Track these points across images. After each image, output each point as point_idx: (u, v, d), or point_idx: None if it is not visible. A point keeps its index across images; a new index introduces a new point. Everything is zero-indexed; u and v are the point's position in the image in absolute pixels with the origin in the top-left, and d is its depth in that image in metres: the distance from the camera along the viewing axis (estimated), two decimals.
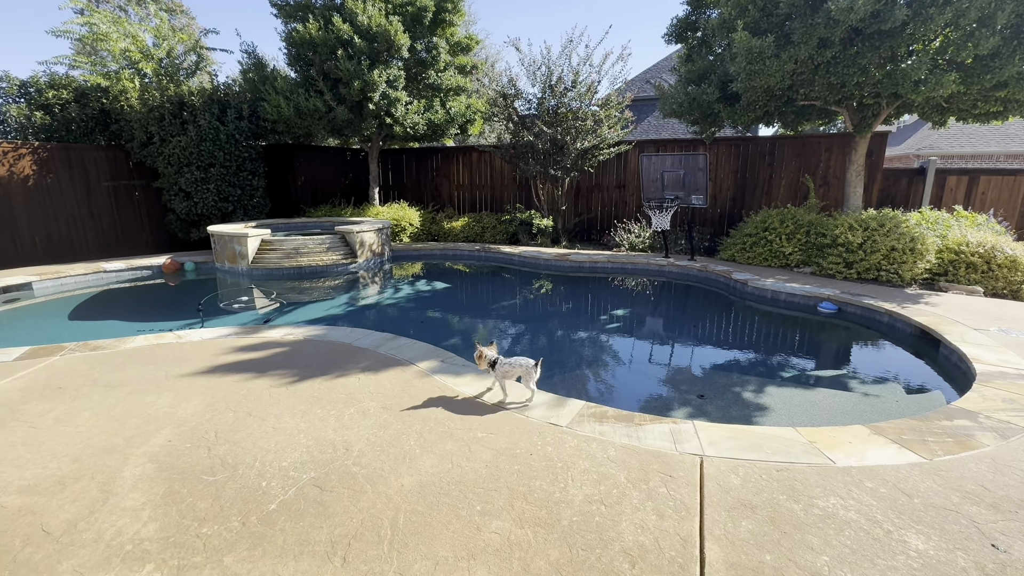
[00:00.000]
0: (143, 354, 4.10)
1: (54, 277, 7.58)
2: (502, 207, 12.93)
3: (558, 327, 6.07)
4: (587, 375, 4.56)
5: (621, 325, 6.20)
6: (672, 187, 8.49)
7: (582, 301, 7.39)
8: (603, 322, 6.29)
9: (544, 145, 10.46)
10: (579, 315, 6.69)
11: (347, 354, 4.09)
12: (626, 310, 6.92)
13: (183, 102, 9.58)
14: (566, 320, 6.41)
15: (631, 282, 8.41)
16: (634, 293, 7.93)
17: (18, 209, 8.87)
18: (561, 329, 5.97)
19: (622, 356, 5.13)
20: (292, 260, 8.49)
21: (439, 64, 11.29)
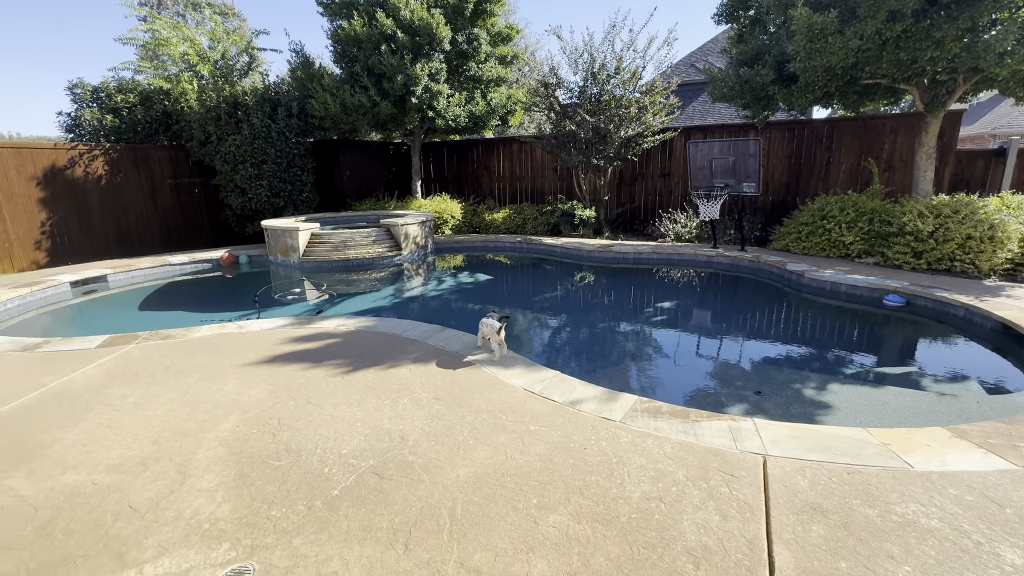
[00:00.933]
0: (208, 343, 4.32)
1: (125, 270, 8.11)
2: (543, 198, 12.84)
3: (603, 319, 5.98)
4: (636, 369, 4.48)
5: (669, 318, 6.05)
6: (721, 174, 8.16)
7: (627, 293, 7.25)
8: (650, 315, 6.15)
9: (586, 134, 10.28)
10: (624, 307, 6.57)
11: (398, 345, 4.17)
12: (673, 302, 6.74)
13: (237, 102, 9.99)
14: (611, 312, 6.31)
15: (678, 273, 8.18)
16: (681, 285, 7.72)
17: (93, 206, 9.54)
18: (606, 321, 5.88)
19: (672, 350, 5.00)
20: (340, 253, 8.75)
21: (480, 55, 11.27)
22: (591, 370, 4.37)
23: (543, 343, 5.21)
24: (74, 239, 9.31)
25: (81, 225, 9.38)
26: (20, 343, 4.40)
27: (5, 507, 2.21)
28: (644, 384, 4.14)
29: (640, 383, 4.15)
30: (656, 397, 3.26)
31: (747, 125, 10.20)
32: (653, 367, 4.53)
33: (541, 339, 5.35)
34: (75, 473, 2.45)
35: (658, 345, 5.14)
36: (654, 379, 4.27)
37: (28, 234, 8.82)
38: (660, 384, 4.18)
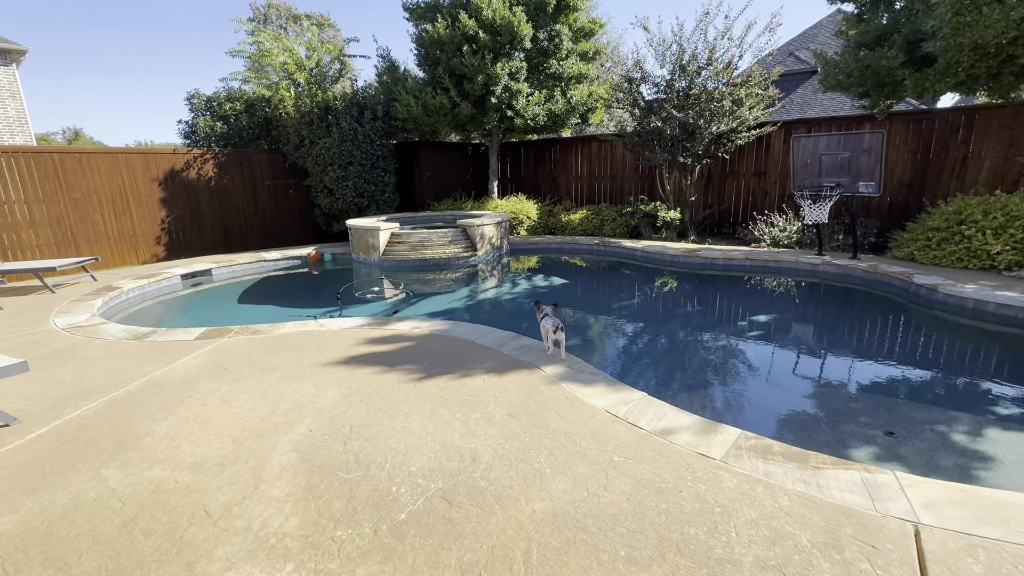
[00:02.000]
0: (291, 340, 4.43)
1: (227, 265, 8.77)
2: (622, 199, 12.30)
3: (691, 333, 5.47)
4: (734, 395, 3.97)
5: (769, 335, 5.40)
6: (831, 172, 7.23)
7: (717, 304, 6.63)
8: (746, 330, 5.53)
9: (672, 131, 9.64)
10: (716, 320, 5.98)
11: (471, 352, 4.02)
12: (773, 316, 6.04)
13: (328, 106, 10.49)
14: (701, 325, 5.76)
15: (776, 283, 7.37)
16: (781, 296, 6.94)
17: (203, 205, 10.45)
18: (695, 336, 5.36)
19: (776, 375, 4.40)
20: (418, 252, 8.87)
21: (561, 52, 10.98)
22: (681, 392, 3.93)
23: (625, 357, 4.81)
24: (186, 235, 10.26)
25: (193, 222, 10.32)
26: (133, 332, 4.78)
27: (97, 499, 2.28)
28: (746, 414, 3.63)
29: (740, 413, 3.65)
30: (762, 431, 2.80)
31: (862, 117, 9.02)
32: (755, 394, 3.99)
33: (622, 352, 4.96)
34: (161, 468, 2.51)
35: (759, 367, 4.56)
36: (757, 409, 3.74)
37: (150, 230, 9.83)
38: (765, 415, 3.65)
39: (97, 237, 9.20)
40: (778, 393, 4.01)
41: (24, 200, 8.42)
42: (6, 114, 16.54)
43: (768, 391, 4.04)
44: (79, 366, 3.94)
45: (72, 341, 4.58)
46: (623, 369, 4.43)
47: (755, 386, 4.12)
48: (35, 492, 2.34)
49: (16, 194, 8.35)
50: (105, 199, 9.25)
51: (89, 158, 9.06)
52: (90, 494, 2.32)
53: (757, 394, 3.97)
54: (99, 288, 6.84)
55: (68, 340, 4.62)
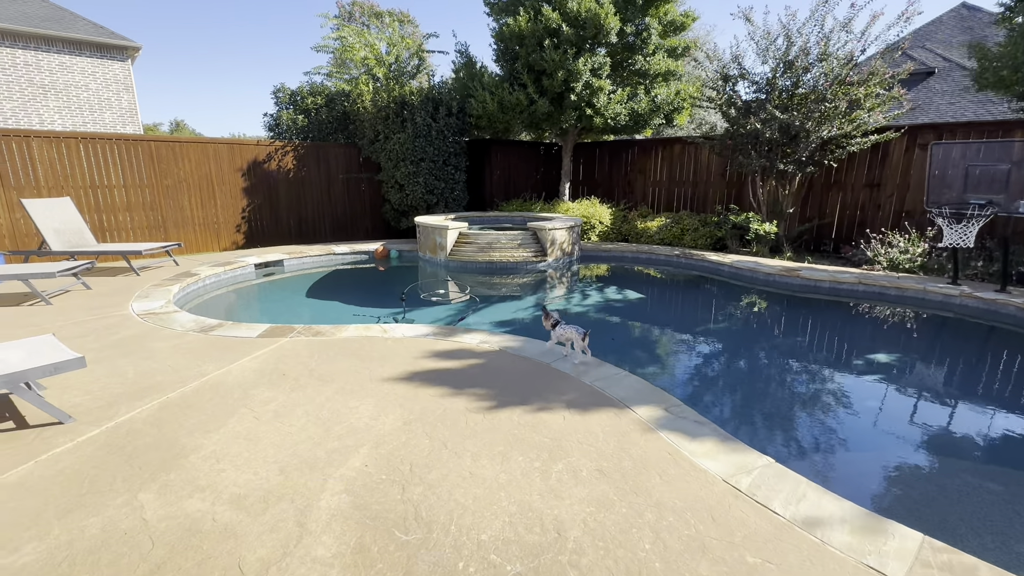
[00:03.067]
0: (353, 346, 4.13)
1: (298, 256, 8.84)
2: (705, 207, 11.33)
3: (804, 373, 4.64)
4: (890, 472, 3.04)
5: (909, 384, 4.46)
6: (981, 187, 6.03)
7: (828, 337, 5.69)
8: (876, 375, 4.62)
9: (772, 134, 8.63)
10: (832, 358, 5.09)
11: (546, 378, 3.50)
12: (906, 359, 5.04)
13: (404, 101, 10.38)
14: (814, 364, 4.90)
15: (899, 316, 6.28)
16: (908, 333, 5.87)
17: (281, 197, 10.69)
18: (810, 378, 4.53)
19: (936, 442, 3.45)
20: (485, 254, 8.50)
21: (648, 47, 10.24)
22: (815, 459, 3.12)
23: (726, 399, 4.03)
24: (264, 225, 10.53)
25: (270, 212, 10.57)
26: (201, 324, 4.70)
27: (128, 533, 1.99)
28: (915, 504, 2.72)
29: (908, 501, 2.72)
30: (945, 535, 2.07)
31: (1012, 122, 7.59)
32: (917, 472, 3.11)
33: (721, 392, 4.20)
34: (200, 498, 2.20)
35: (911, 432, 3.61)
36: (929, 496, 2.78)
37: (231, 218, 10.16)
38: (941, 508, 2.79)
39: (184, 223, 9.60)
40: (948, 472, 3.14)
41: (123, 185, 8.90)
42: (120, 105, 18.08)
43: (933, 468, 3.18)
44: (143, 358, 3.83)
45: (143, 329, 4.55)
46: (728, 416, 3.70)
47: (914, 459, 3.26)
48: (67, 514, 2.09)
49: (117, 179, 8.84)
50: (193, 187, 9.64)
51: (181, 147, 9.45)
52: (122, 525, 2.03)
53: (920, 472, 3.11)
54: (179, 273, 7.01)
55: (140, 328, 4.60)
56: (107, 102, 17.64)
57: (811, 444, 3.31)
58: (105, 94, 17.58)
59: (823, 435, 3.43)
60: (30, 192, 8.01)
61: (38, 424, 2.80)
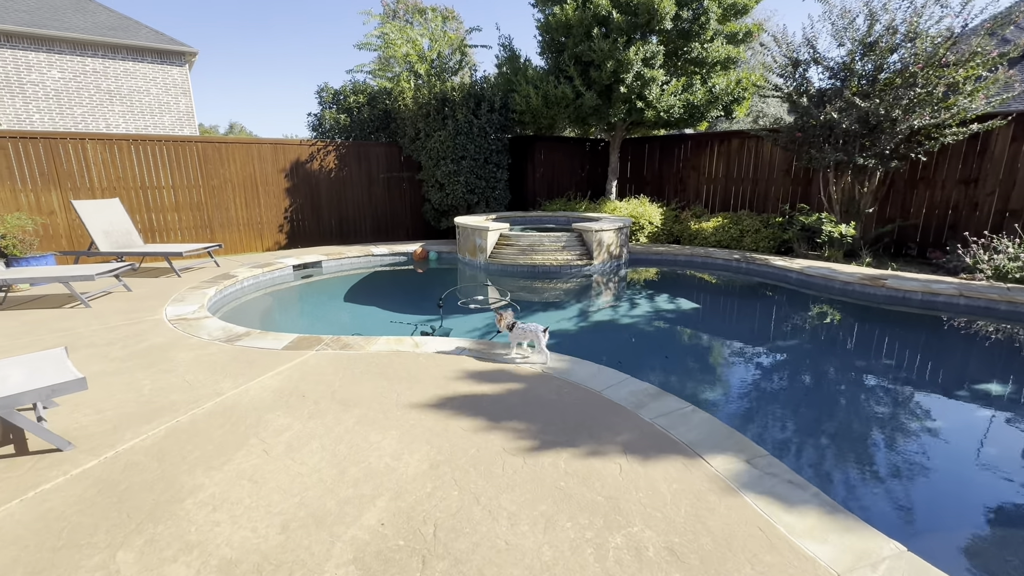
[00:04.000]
0: (381, 363, 3.76)
1: (336, 258, 8.68)
2: (766, 206, 10.41)
3: (917, 408, 3.89)
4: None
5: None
6: None
7: (931, 362, 4.86)
8: (979, 405, 3.83)
9: (850, 124, 7.69)
10: (939, 389, 4.30)
11: (597, 411, 3.00)
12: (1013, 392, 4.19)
13: (445, 98, 10.05)
14: (920, 397, 4.14)
15: (1013, 335, 5.32)
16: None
17: (323, 197, 10.62)
18: (924, 415, 3.79)
19: None
20: (527, 257, 8.03)
21: (706, 33, 9.43)
22: (956, 538, 2.39)
23: (820, 445, 3.24)
24: (306, 225, 10.50)
25: (312, 212, 10.52)
26: (229, 332, 4.48)
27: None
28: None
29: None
30: None
31: None
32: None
33: (811, 434, 3.41)
34: (185, 564, 1.84)
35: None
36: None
37: (274, 218, 10.17)
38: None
39: (229, 223, 9.67)
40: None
41: (171, 185, 9.03)
42: (178, 109, 18.82)
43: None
44: (163, 371, 3.61)
45: (170, 337, 4.37)
46: (829, 472, 2.94)
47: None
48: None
49: (166, 179, 8.97)
50: (238, 187, 9.68)
51: (227, 148, 9.50)
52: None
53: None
54: (217, 275, 6.94)
55: (168, 335, 4.42)
56: (166, 106, 18.40)
57: (952, 521, 2.58)
58: (165, 98, 18.33)
59: (968, 508, 2.70)
60: (85, 193, 8.21)
61: (38, 451, 2.57)
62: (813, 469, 2.93)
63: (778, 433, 3.38)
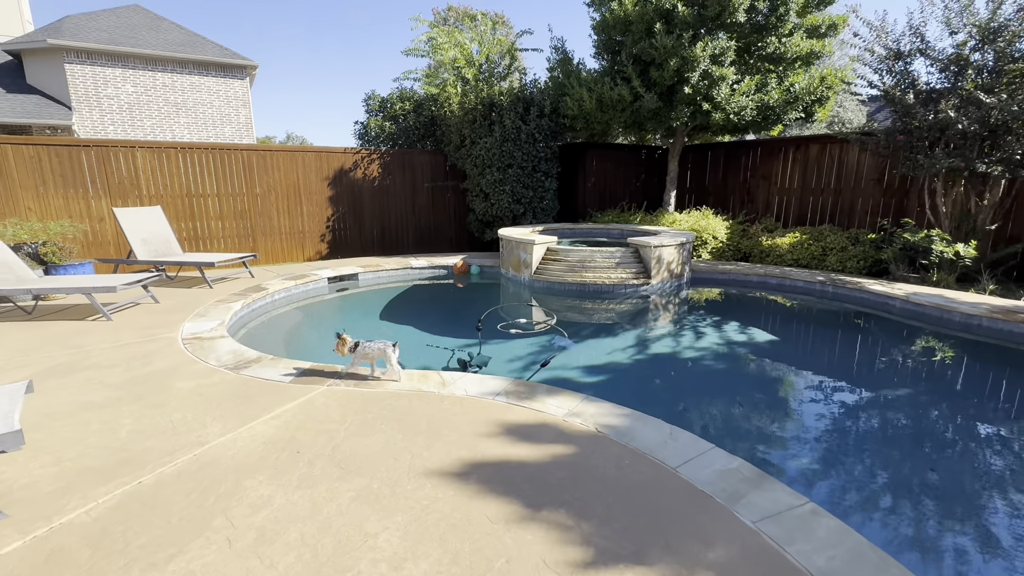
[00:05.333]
0: (400, 407, 3.12)
1: (374, 270, 8.24)
2: (852, 220, 9.13)
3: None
4: None
5: None
6: None
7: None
8: None
9: (970, 125, 6.44)
10: None
11: (675, 502, 2.19)
12: None
13: (492, 103, 9.51)
14: None
15: None
16: None
17: (365, 206, 10.31)
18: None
19: None
20: (576, 275, 7.25)
21: (784, 27, 8.38)
22: None
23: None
24: (348, 235, 10.20)
25: (355, 222, 10.22)
26: (238, 357, 4.00)
27: None
28: None
29: None
30: None
31: None
32: None
33: (989, 546, 2.51)
34: None
35: None
36: None
37: (316, 228, 9.92)
38: None
39: (271, 232, 9.50)
40: None
41: (216, 193, 8.94)
42: (238, 120, 19.47)
43: None
44: (151, 406, 3.12)
45: (177, 361, 3.93)
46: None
47: None
48: None
49: (211, 187, 8.89)
50: (280, 196, 9.51)
51: (271, 156, 9.36)
52: None
53: None
54: (248, 287, 6.61)
55: (175, 358, 3.99)
56: (227, 117, 19.06)
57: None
58: (226, 110, 19.00)
59: None
60: (133, 200, 8.22)
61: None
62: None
63: (940, 546, 2.41)
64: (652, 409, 3.04)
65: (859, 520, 2.48)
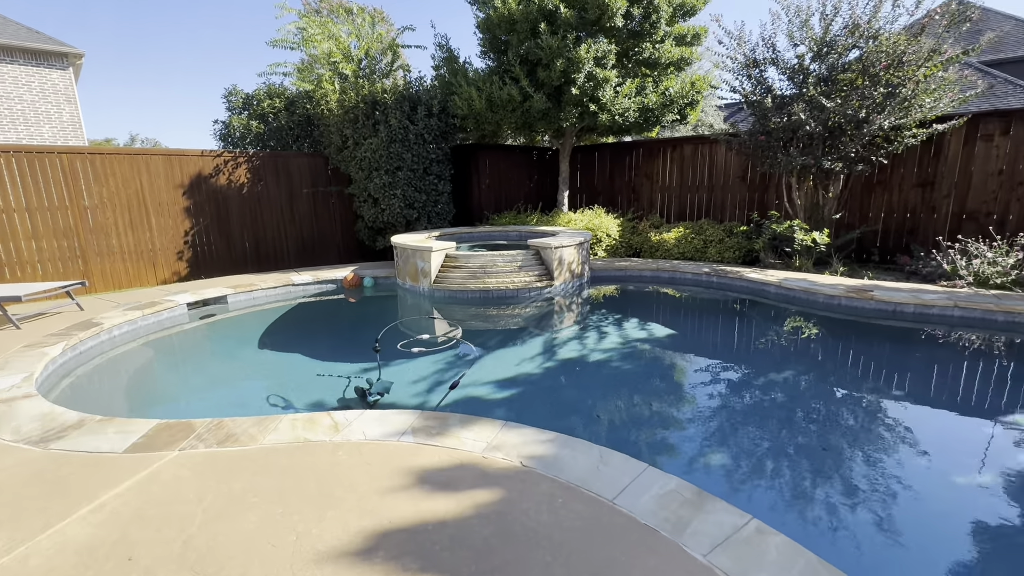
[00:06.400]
0: (279, 466, 2.51)
1: (247, 290, 7.15)
2: (724, 214, 9.96)
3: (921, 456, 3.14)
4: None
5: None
6: None
7: (939, 392, 4.22)
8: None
9: (816, 127, 7.27)
10: (945, 429, 3.62)
11: (620, 548, 1.93)
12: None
13: (376, 101, 8.83)
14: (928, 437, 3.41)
15: (1019, 353, 4.84)
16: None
17: (233, 216, 9.00)
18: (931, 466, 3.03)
19: None
20: (478, 281, 6.92)
21: (657, 34, 8.86)
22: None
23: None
24: (213, 250, 8.83)
25: (221, 235, 8.88)
26: (50, 422, 3.03)
27: None
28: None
29: None
30: None
31: None
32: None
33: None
34: None
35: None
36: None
37: (171, 244, 8.44)
38: None
39: (110, 252, 7.86)
40: None
41: (25, 208, 7.15)
42: (61, 118, 16.18)
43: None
44: None
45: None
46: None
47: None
48: None
49: (16, 200, 7.09)
50: (121, 208, 7.92)
51: (104, 160, 7.74)
52: None
53: None
54: (75, 324, 5.29)
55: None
56: (45, 115, 15.75)
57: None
58: (43, 106, 15.69)
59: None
60: None
61: None
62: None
63: (884, 551, 2.44)
64: (572, 421, 2.82)
65: (805, 531, 2.42)
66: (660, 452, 3.20)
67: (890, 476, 2.85)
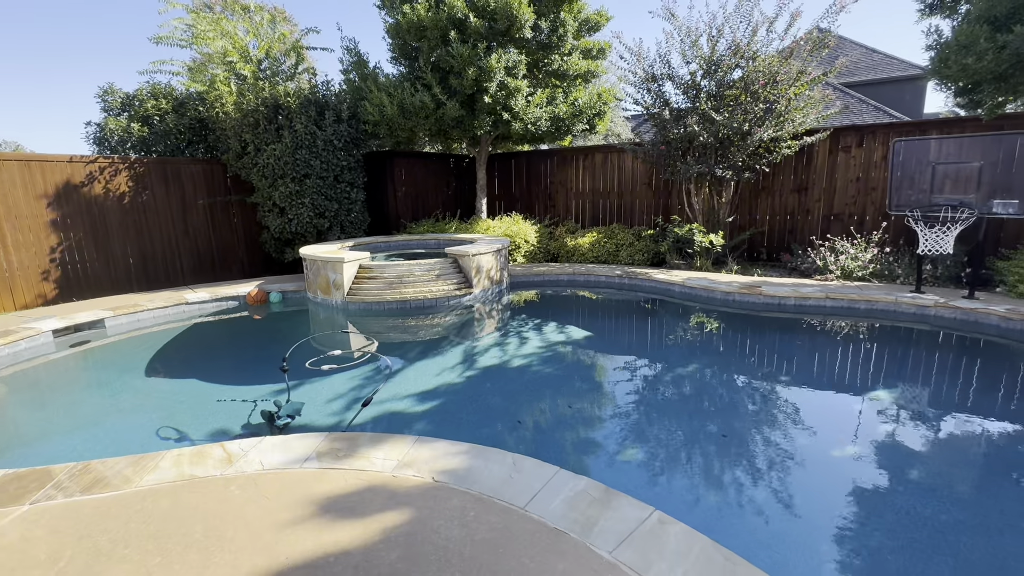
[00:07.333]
0: (159, 511, 2.24)
1: (130, 312, 6.39)
2: (633, 219, 10.53)
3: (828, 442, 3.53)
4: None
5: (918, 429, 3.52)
6: (950, 188, 5.55)
7: (819, 374, 4.75)
8: (874, 423, 3.64)
9: (707, 138, 7.91)
10: (842, 410, 4.09)
11: (530, 555, 1.93)
12: (899, 392, 4.19)
13: (278, 104, 8.33)
14: (809, 416, 3.84)
15: (880, 335, 5.57)
16: (905, 359, 5.11)
17: (113, 230, 8.03)
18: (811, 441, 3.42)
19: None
20: (395, 291, 6.73)
21: (564, 46, 9.20)
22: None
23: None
24: (88, 269, 7.80)
25: (98, 251, 7.87)
26: None
27: None
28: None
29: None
30: None
31: (953, 120, 7.41)
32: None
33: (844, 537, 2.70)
34: None
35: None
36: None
37: (34, 262, 7.34)
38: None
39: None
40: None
41: None
42: None
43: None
44: None
45: None
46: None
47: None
48: None
49: None
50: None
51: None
52: None
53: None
54: None
55: None
56: None
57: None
58: None
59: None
60: None
61: None
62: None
63: (782, 527, 2.63)
64: (490, 431, 2.80)
65: (703, 518, 2.56)
66: (575, 452, 3.27)
67: (782, 455, 3.14)
